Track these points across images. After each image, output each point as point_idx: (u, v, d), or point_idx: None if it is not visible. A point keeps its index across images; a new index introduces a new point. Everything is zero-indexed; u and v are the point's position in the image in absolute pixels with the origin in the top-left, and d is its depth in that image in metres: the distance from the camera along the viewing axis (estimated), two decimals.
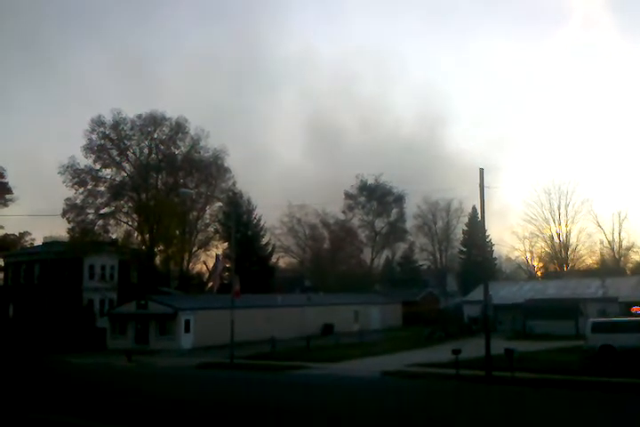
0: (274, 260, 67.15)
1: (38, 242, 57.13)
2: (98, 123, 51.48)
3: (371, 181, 73.52)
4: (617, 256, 68.55)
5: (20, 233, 71.72)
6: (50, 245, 53.83)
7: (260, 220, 63.47)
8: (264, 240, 64.59)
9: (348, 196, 74.00)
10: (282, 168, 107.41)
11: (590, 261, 71.19)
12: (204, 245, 59.00)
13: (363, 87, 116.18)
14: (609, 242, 68.09)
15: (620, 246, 68.17)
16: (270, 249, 65.48)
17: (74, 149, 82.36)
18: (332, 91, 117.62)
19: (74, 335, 41.29)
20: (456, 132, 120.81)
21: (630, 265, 71.62)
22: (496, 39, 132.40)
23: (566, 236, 69.15)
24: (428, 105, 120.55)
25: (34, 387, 22.00)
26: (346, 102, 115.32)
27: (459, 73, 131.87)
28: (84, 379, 25.36)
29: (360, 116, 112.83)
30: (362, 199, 74.63)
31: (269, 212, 74.98)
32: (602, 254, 69.29)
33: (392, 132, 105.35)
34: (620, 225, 67.26)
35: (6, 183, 56.52)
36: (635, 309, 35.14)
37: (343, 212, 74.51)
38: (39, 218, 57.35)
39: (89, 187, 51.13)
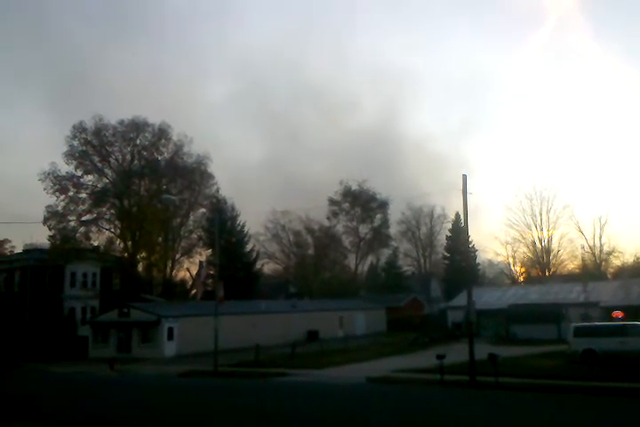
0: (258, 266, 66.99)
1: (18, 249, 56.43)
2: (79, 129, 51.05)
3: (354, 186, 73.66)
4: (598, 261, 69.44)
5: None
6: (30, 252, 53.11)
7: (244, 226, 63.49)
8: (248, 247, 64.58)
9: (331, 202, 73.99)
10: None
11: (572, 266, 72.17)
12: (188, 251, 58.70)
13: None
14: (590, 247, 69.13)
15: (601, 251, 69.27)
16: (254, 255, 65.36)
17: (55, 155, 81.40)
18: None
19: (55, 344, 40.70)
20: (436, 138, 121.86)
21: (611, 270, 72.75)
22: (470, 44, 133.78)
23: (548, 241, 70.09)
24: (410, 106, 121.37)
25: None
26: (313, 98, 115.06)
27: (436, 72, 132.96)
28: (56, 388, 24.97)
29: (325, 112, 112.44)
30: (346, 205, 74.63)
31: (252, 217, 74.54)
32: (583, 259, 70.04)
33: (371, 130, 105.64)
34: (601, 230, 68.41)
35: None
36: (616, 313, 35.44)
37: (327, 218, 74.57)
38: (19, 225, 56.64)
39: (70, 194, 50.56)
